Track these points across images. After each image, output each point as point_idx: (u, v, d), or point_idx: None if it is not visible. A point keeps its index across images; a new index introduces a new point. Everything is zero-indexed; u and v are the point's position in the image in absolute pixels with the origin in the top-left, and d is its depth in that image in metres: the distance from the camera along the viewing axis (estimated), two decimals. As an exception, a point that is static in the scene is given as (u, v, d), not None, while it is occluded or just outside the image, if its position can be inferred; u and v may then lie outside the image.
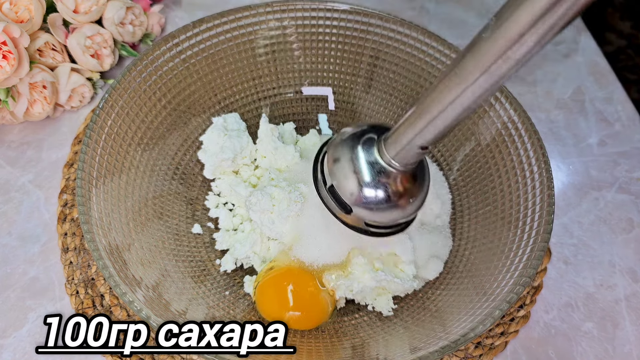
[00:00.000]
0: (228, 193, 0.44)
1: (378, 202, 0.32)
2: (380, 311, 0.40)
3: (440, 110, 0.26)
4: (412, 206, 0.33)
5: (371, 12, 0.44)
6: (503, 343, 0.40)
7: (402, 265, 0.39)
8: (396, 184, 0.31)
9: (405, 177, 0.31)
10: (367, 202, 0.32)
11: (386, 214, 0.33)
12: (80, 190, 0.34)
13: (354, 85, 0.48)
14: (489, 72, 0.22)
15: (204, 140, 0.44)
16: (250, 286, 0.40)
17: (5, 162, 0.48)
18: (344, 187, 0.32)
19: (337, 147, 0.33)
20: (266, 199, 0.40)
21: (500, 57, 0.21)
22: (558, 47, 0.61)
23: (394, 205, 0.32)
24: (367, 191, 0.31)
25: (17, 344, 0.39)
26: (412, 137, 0.28)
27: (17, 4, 0.46)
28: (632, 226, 0.47)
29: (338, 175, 0.33)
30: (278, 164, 0.44)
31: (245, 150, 0.44)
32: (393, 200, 0.32)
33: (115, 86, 0.39)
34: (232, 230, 0.43)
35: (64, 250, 0.43)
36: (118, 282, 0.31)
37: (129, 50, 0.55)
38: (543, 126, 0.54)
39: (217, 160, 0.43)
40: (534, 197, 0.36)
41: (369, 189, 0.31)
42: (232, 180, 0.44)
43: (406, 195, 0.32)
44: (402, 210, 0.33)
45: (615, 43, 1.28)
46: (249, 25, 0.45)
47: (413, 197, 0.32)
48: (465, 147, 0.43)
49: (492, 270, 0.36)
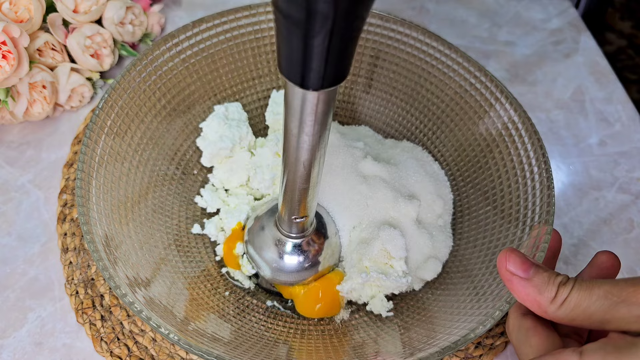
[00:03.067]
0: (225, 178, 0.44)
1: (293, 269, 0.38)
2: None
3: (280, 190, 0.32)
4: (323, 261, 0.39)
5: (371, 12, 0.44)
6: (503, 343, 0.40)
7: (393, 262, 0.39)
8: (302, 249, 0.38)
9: (306, 241, 0.38)
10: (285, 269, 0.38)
11: (299, 274, 0.38)
12: (79, 191, 0.34)
13: (354, 85, 0.48)
14: None
15: (204, 127, 0.44)
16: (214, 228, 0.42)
17: (4, 162, 0.48)
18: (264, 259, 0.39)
19: (254, 233, 0.40)
20: (267, 182, 0.42)
21: None
22: (558, 47, 0.61)
23: (304, 267, 0.38)
24: (286, 259, 0.38)
25: (17, 344, 0.39)
26: (285, 214, 0.34)
27: (16, 3, 0.46)
28: (632, 226, 0.47)
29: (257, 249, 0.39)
30: None
31: (244, 141, 0.44)
32: (305, 262, 0.38)
33: (115, 86, 0.39)
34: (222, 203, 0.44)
35: (64, 250, 0.43)
36: (118, 284, 0.31)
37: (128, 50, 0.55)
38: (543, 126, 0.53)
39: (216, 148, 0.43)
40: (534, 197, 0.36)
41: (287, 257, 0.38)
42: (230, 162, 0.44)
43: (315, 255, 0.38)
44: (311, 270, 0.38)
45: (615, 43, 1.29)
46: (249, 25, 0.45)
47: (316, 259, 0.38)
48: (465, 147, 0.43)
49: (492, 270, 0.36)
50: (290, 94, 0.23)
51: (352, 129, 0.49)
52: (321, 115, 0.24)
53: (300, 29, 0.18)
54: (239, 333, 0.36)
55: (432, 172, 0.45)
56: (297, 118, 0.24)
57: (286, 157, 0.28)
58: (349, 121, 0.49)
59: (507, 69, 0.58)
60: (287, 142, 0.26)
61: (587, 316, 0.24)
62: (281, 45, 0.21)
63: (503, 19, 0.63)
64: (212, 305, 0.38)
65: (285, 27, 0.19)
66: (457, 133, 0.44)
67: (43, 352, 0.39)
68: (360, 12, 0.19)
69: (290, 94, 0.23)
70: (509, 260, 0.27)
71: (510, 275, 0.26)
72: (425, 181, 0.44)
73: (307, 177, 0.29)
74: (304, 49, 0.19)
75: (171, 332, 0.30)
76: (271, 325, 0.38)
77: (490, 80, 0.41)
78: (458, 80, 0.43)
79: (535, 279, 0.26)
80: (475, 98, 0.42)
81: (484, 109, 0.41)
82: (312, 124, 0.24)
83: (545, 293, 0.25)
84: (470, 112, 0.43)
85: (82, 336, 0.39)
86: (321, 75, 0.21)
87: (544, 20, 0.63)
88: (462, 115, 0.43)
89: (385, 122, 0.48)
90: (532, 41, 0.61)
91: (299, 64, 0.20)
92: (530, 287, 0.26)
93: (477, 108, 0.42)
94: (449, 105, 0.44)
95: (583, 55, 0.60)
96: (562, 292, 0.25)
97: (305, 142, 0.25)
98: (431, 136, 0.46)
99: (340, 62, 0.21)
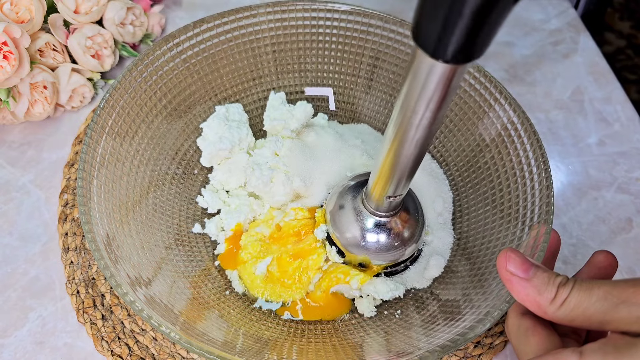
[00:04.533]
0: (224, 180, 0.44)
1: (375, 247, 0.38)
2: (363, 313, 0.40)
3: (379, 168, 0.31)
4: (408, 244, 0.38)
5: (371, 12, 0.44)
6: (502, 342, 0.40)
7: (349, 278, 0.40)
8: (388, 228, 0.37)
9: (392, 221, 0.37)
10: (366, 246, 0.38)
11: (384, 255, 0.38)
12: (81, 190, 0.34)
13: (354, 86, 0.48)
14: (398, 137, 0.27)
15: (204, 127, 0.44)
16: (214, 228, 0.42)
17: (5, 162, 0.48)
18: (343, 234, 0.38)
19: (339, 198, 0.39)
20: (266, 178, 0.42)
21: None
22: (557, 47, 0.61)
23: (390, 247, 0.38)
24: (368, 236, 0.37)
25: (18, 344, 0.39)
26: (380, 192, 0.34)
27: (17, 4, 0.46)
28: (631, 226, 0.48)
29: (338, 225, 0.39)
30: (289, 124, 0.44)
31: (243, 142, 0.44)
32: (388, 242, 0.37)
33: (116, 86, 0.39)
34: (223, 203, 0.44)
35: (65, 250, 0.43)
36: (119, 282, 0.31)
37: (129, 51, 0.55)
38: (542, 126, 0.54)
39: (215, 149, 0.43)
40: (533, 197, 0.36)
41: (369, 234, 0.37)
42: (228, 164, 0.44)
43: (398, 237, 0.38)
44: (398, 250, 0.38)
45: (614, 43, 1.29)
46: (250, 26, 0.45)
47: (404, 237, 0.38)
48: (465, 148, 0.44)
49: (491, 269, 0.36)
50: (423, 66, 0.22)
51: (351, 128, 0.49)
52: (452, 91, 0.23)
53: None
54: (239, 332, 0.36)
55: (430, 170, 0.45)
56: (427, 95, 0.23)
57: (398, 136, 0.27)
58: (349, 121, 0.50)
59: (506, 70, 0.58)
60: (405, 119, 0.26)
61: (587, 317, 0.25)
62: (435, 13, 0.19)
63: (502, 20, 0.63)
64: (212, 305, 0.38)
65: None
66: (456, 133, 0.44)
67: (44, 351, 0.39)
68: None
69: (422, 66, 0.22)
70: (509, 261, 0.27)
71: (510, 276, 0.27)
72: (424, 180, 0.44)
73: (417, 155, 0.28)
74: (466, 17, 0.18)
75: (172, 331, 0.30)
76: (271, 324, 0.38)
77: (490, 80, 0.41)
78: (457, 81, 0.43)
79: (535, 280, 0.26)
80: (475, 98, 0.42)
81: (484, 110, 0.42)
82: (438, 100, 0.24)
83: (544, 294, 0.25)
84: (470, 112, 0.43)
85: (83, 335, 0.39)
86: (466, 48, 0.20)
87: (543, 21, 0.63)
88: (461, 116, 0.44)
89: (385, 122, 0.48)
90: (531, 41, 0.61)
91: (452, 34, 0.19)
92: (530, 287, 0.26)
93: (477, 108, 0.42)
94: (448, 106, 0.44)
95: (582, 55, 0.60)
96: (562, 293, 0.25)
97: (427, 118, 0.25)
98: (431, 136, 0.46)
99: (487, 36, 0.20)
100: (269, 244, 0.41)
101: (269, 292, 0.40)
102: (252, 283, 0.40)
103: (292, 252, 0.40)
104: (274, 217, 0.43)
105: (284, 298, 0.40)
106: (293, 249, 0.40)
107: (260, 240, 0.41)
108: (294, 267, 0.40)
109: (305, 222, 0.41)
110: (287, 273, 0.40)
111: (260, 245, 0.41)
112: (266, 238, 0.42)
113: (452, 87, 0.23)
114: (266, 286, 0.40)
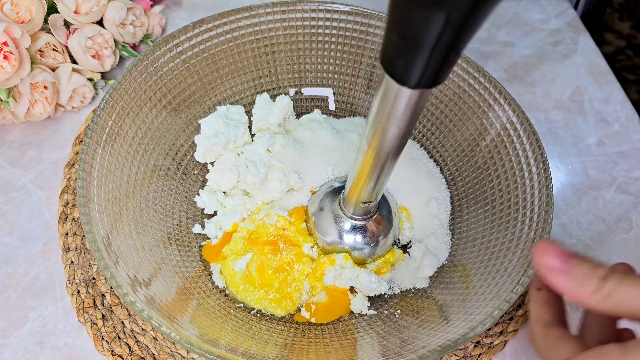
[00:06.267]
0: (218, 180, 0.44)
1: (353, 246, 0.40)
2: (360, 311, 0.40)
3: (354, 177, 0.33)
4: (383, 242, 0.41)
5: (371, 13, 0.44)
6: (502, 342, 0.40)
7: (334, 257, 0.40)
8: (364, 230, 0.40)
9: (367, 224, 0.39)
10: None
11: (361, 252, 0.40)
12: (81, 191, 0.34)
13: (354, 86, 0.48)
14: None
15: (203, 123, 0.45)
16: None
17: (6, 162, 0.48)
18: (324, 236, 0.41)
19: (320, 201, 0.41)
20: (262, 176, 0.42)
21: None
22: (557, 47, 0.61)
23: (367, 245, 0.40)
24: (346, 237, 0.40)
25: (18, 344, 0.39)
26: (356, 198, 0.36)
27: (18, 4, 0.46)
28: (630, 226, 0.48)
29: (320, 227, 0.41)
30: (269, 120, 0.45)
31: (238, 140, 0.44)
32: (366, 242, 0.40)
33: (116, 86, 0.39)
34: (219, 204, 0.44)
35: (65, 250, 0.43)
36: (120, 283, 0.31)
37: (129, 51, 0.55)
38: (542, 126, 0.54)
39: (209, 144, 0.43)
40: (532, 197, 0.37)
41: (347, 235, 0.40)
42: (218, 163, 0.44)
43: (373, 237, 0.40)
44: (375, 248, 0.41)
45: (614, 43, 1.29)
46: (249, 26, 0.45)
47: (379, 237, 0.40)
48: (464, 148, 0.44)
49: (491, 269, 0.36)
50: (391, 91, 0.24)
51: (348, 121, 0.49)
52: (418, 111, 0.25)
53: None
54: (239, 332, 0.36)
55: (426, 170, 0.45)
56: (396, 115, 0.25)
57: (370, 149, 0.29)
58: (349, 121, 0.50)
59: (506, 70, 0.58)
60: (375, 135, 0.28)
61: (634, 310, 0.24)
62: (395, 45, 0.21)
63: (502, 20, 0.63)
64: (212, 305, 0.38)
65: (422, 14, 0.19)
66: (455, 133, 0.44)
67: (44, 351, 0.39)
68: None
69: (390, 90, 0.24)
70: (546, 252, 0.26)
71: (547, 268, 0.26)
72: (422, 179, 0.44)
73: (384, 166, 0.31)
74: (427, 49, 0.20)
75: (172, 330, 0.30)
76: (271, 324, 0.38)
77: (489, 80, 0.41)
78: (457, 81, 0.43)
79: (575, 272, 0.25)
80: (474, 99, 0.42)
81: (483, 110, 0.42)
82: (406, 120, 0.26)
83: (585, 287, 0.25)
84: (469, 112, 0.43)
85: (84, 335, 0.40)
86: (430, 76, 0.22)
87: (543, 21, 0.63)
88: (460, 116, 0.44)
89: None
90: (531, 42, 0.61)
91: (415, 64, 0.21)
92: (570, 280, 0.25)
93: (476, 109, 0.42)
94: (448, 106, 0.44)
95: (582, 55, 0.60)
96: (606, 286, 0.25)
97: (394, 135, 0.27)
98: (430, 136, 0.46)
99: (449, 67, 0.22)
100: (248, 243, 0.41)
101: (249, 295, 0.39)
102: (232, 280, 0.40)
103: (276, 264, 0.40)
104: (260, 210, 0.42)
105: (274, 309, 0.39)
106: (278, 262, 0.40)
107: (243, 237, 0.41)
108: (280, 280, 0.39)
109: (282, 232, 0.41)
110: (274, 286, 0.39)
111: (242, 242, 0.41)
112: (250, 233, 0.42)
113: (418, 108, 0.25)
114: (245, 285, 0.40)
